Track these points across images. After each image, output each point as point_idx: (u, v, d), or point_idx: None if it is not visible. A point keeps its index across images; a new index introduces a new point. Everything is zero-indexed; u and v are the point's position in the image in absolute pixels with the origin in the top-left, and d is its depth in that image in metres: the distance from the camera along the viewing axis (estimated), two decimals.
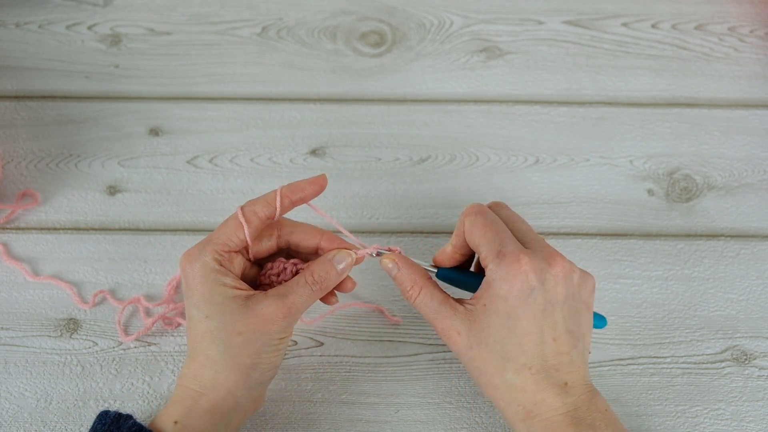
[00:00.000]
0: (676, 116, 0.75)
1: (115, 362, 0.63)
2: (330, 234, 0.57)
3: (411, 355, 0.64)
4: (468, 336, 0.53)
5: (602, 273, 0.67)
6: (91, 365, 0.62)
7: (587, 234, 0.69)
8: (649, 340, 0.64)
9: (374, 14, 0.80)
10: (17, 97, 0.75)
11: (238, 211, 0.55)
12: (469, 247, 0.56)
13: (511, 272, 0.52)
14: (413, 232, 0.69)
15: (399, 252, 0.57)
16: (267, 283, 0.57)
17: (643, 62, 0.78)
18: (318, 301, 0.60)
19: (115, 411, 0.53)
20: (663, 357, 0.64)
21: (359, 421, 0.61)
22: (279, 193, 0.55)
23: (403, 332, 0.64)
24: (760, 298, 0.66)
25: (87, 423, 0.60)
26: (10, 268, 0.66)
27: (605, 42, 0.79)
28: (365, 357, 0.63)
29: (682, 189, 0.71)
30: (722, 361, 0.64)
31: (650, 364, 0.63)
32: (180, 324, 0.64)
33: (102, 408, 0.60)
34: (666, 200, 0.71)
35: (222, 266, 0.53)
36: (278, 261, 0.57)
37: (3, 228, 0.68)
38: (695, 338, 0.65)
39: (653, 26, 0.80)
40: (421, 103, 0.75)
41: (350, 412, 0.61)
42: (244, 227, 0.54)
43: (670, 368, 0.63)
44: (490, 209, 0.57)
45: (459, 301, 0.55)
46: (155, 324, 0.64)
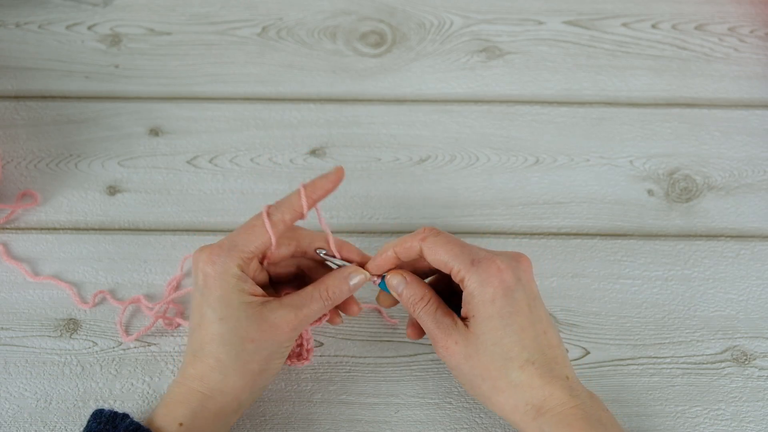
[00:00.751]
0: (676, 116, 0.75)
1: (115, 362, 0.63)
2: (349, 245, 0.57)
3: (411, 355, 0.64)
4: (466, 345, 0.54)
5: (602, 273, 0.67)
6: (91, 365, 0.62)
7: (587, 234, 0.69)
8: (649, 340, 0.64)
9: (374, 14, 0.80)
10: (17, 97, 0.75)
11: (265, 218, 0.54)
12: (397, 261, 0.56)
13: (491, 275, 0.52)
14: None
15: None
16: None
17: (643, 62, 0.78)
18: None
19: (110, 409, 0.53)
20: (663, 357, 0.64)
21: (359, 422, 0.61)
22: (303, 195, 0.54)
23: (403, 332, 0.64)
24: (760, 298, 0.66)
25: None
26: (10, 268, 0.66)
27: (605, 42, 0.79)
28: (365, 357, 0.63)
29: (682, 189, 0.71)
30: (722, 362, 0.64)
31: (650, 364, 0.63)
32: (180, 324, 0.64)
33: None
34: (666, 200, 0.71)
35: (243, 272, 0.53)
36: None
37: (3, 228, 0.68)
38: (695, 338, 0.65)
39: (653, 26, 0.80)
40: (421, 103, 0.75)
41: (350, 412, 0.61)
42: (272, 238, 0.54)
43: (670, 368, 0.63)
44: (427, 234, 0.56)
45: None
46: (155, 324, 0.64)
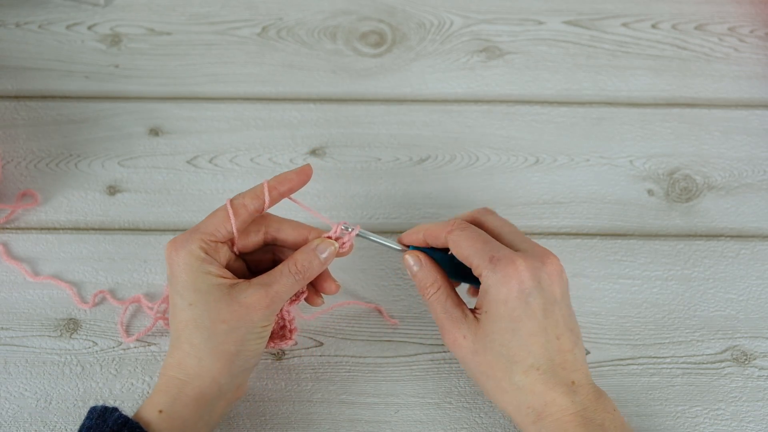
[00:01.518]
0: (676, 116, 0.75)
1: (115, 362, 0.63)
2: (317, 230, 0.57)
3: (411, 355, 0.64)
4: (473, 341, 0.54)
5: (602, 273, 0.67)
6: (91, 365, 0.63)
7: (587, 234, 0.69)
8: (649, 340, 0.64)
9: (374, 14, 0.80)
10: (17, 97, 0.75)
11: (227, 203, 0.55)
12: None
13: (508, 275, 0.52)
14: None
15: (359, 228, 0.57)
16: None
17: (643, 62, 0.78)
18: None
19: (102, 405, 0.53)
20: (663, 357, 0.64)
21: (359, 421, 0.61)
22: (266, 186, 0.55)
23: (403, 332, 0.64)
24: (760, 298, 0.66)
25: None
26: (10, 268, 0.66)
27: (605, 42, 0.79)
28: (365, 357, 0.63)
29: (682, 189, 0.71)
30: (722, 361, 0.64)
31: (650, 364, 0.63)
32: None
33: None
34: (666, 200, 0.71)
35: (207, 255, 0.53)
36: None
37: (3, 228, 0.68)
38: (695, 338, 0.65)
39: (653, 26, 0.80)
40: (421, 103, 0.75)
41: (350, 412, 0.61)
42: (232, 219, 0.54)
43: (670, 368, 0.63)
44: (476, 216, 0.58)
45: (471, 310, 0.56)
46: (155, 324, 0.64)
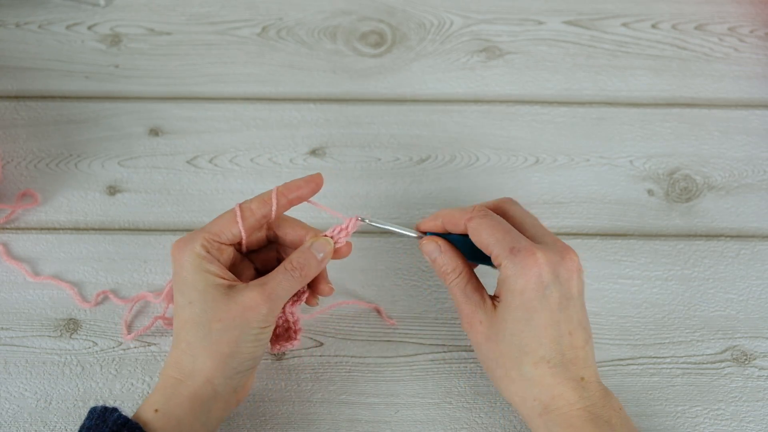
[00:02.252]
0: (676, 116, 0.75)
1: (115, 362, 0.63)
2: (315, 230, 0.57)
3: (410, 355, 0.64)
4: (488, 327, 0.54)
5: (602, 273, 0.67)
6: (91, 365, 0.62)
7: (587, 234, 0.69)
8: (649, 340, 0.64)
9: (374, 14, 0.80)
10: (17, 97, 0.75)
11: (236, 207, 0.55)
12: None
13: (527, 267, 0.52)
14: None
15: (357, 219, 0.57)
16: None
17: (643, 62, 0.78)
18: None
19: (102, 405, 0.53)
20: (663, 357, 0.64)
21: (359, 421, 0.61)
22: (275, 192, 0.55)
23: (403, 332, 0.64)
24: (760, 298, 0.66)
25: None
26: (10, 268, 0.66)
27: (605, 42, 0.79)
28: (365, 357, 0.63)
29: (682, 189, 0.71)
30: (722, 361, 0.64)
31: (650, 364, 0.63)
32: None
33: None
34: (666, 200, 0.71)
35: (209, 254, 0.54)
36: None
37: (3, 228, 0.68)
38: (695, 338, 0.65)
39: (653, 26, 0.80)
40: (421, 103, 0.75)
41: (350, 412, 0.61)
42: (239, 221, 0.54)
43: (670, 368, 0.63)
44: (500, 205, 0.59)
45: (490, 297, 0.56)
46: (155, 324, 0.64)
